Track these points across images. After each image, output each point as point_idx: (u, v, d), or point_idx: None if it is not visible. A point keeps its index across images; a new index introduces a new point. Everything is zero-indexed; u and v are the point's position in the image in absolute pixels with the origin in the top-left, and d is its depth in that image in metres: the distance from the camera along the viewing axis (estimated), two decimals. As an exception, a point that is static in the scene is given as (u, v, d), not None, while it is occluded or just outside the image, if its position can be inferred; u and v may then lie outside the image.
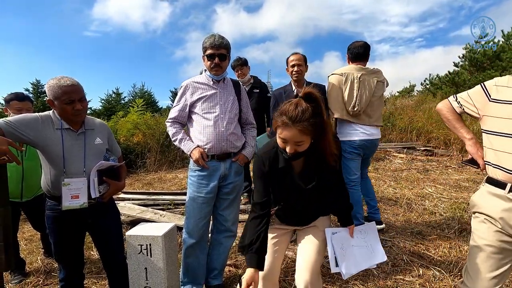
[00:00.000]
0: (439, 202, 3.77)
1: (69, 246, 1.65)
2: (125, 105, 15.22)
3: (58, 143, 1.52)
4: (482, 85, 1.36)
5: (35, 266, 2.66)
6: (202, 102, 1.95)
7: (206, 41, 1.92)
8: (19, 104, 2.39)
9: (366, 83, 2.67)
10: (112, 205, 1.79)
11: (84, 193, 1.54)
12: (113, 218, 1.78)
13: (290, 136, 1.18)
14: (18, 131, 1.42)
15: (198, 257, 2.03)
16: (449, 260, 2.41)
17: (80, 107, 1.52)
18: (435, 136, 7.11)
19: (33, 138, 1.47)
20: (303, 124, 1.15)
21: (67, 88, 1.47)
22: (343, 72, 2.68)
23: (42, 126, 1.50)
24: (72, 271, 1.71)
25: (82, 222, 1.64)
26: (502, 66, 10.11)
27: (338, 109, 2.66)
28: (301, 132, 1.16)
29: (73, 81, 1.52)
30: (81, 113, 1.55)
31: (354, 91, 2.63)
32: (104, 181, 1.62)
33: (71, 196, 1.52)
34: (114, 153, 1.76)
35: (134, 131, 7.17)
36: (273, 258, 1.49)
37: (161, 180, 5.77)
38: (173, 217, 3.29)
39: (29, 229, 3.36)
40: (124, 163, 1.85)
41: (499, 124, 1.27)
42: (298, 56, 2.73)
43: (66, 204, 1.52)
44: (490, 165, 1.32)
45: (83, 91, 1.58)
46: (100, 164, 1.56)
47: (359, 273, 2.28)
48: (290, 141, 1.20)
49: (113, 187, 1.67)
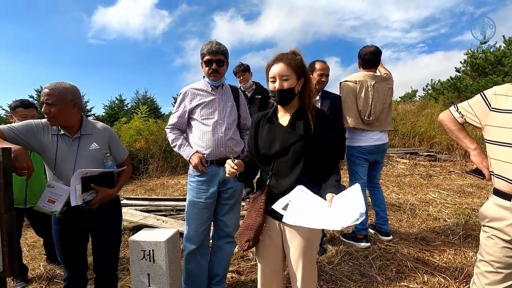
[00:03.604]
0: (443, 208, 3.73)
1: (72, 248, 1.66)
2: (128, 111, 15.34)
3: (53, 148, 1.55)
4: (482, 94, 1.35)
5: (37, 272, 2.66)
6: (201, 108, 1.97)
7: (204, 47, 1.94)
8: (24, 111, 2.42)
9: (379, 91, 2.68)
10: (112, 209, 1.75)
11: (61, 201, 1.52)
12: (110, 223, 1.74)
13: (278, 70, 1.33)
14: (19, 137, 1.47)
15: (200, 263, 2.02)
16: (454, 267, 2.38)
17: (46, 110, 1.51)
18: (438, 141, 7.08)
19: (32, 144, 1.52)
20: (288, 59, 1.33)
21: (44, 90, 1.54)
22: (357, 80, 2.68)
23: (41, 132, 1.55)
24: (76, 272, 1.71)
25: (82, 224, 1.65)
26: (504, 71, 10.09)
27: (353, 118, 2.66)
28: (287, 64, 1.32)
29: (51, 86, 1.53)
30: (48, 118, 1.53)
31: (369, 99, 2.63)
32: (92, 187, 1.57)
33: (48, 199, 1.51)
34: (116, 157, 1.74)
35: (137, 137, 7.21)
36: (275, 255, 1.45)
37: (164, 186, 5.77)
38: (176, 223, 3.28)
39: (31, 235, 3.36)
40: (126, 168, 1.80)
41: (500, 133, 1.26)
42: (326, 66, 2.64)
43: (39, 205, 1.51)
44: (495, 175, 1.31)
45: (61, 98, 1.53)
46: (80, 172, 1.48)
47: (362, 280, 2.27)
48: (278, 76, 1.33)
49: (101, 194, 1.60)
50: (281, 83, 1.33)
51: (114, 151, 1.75)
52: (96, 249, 1.73)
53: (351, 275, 2.35)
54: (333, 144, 1.41)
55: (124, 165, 1.79)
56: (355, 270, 2.42)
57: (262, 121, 1.48)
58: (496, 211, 1.29)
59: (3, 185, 1.24)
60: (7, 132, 1.44)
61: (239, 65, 3.73)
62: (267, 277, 1.49)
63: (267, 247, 1.45)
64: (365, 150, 2.70)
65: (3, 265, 1.27)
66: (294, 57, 1.35)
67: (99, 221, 1.68)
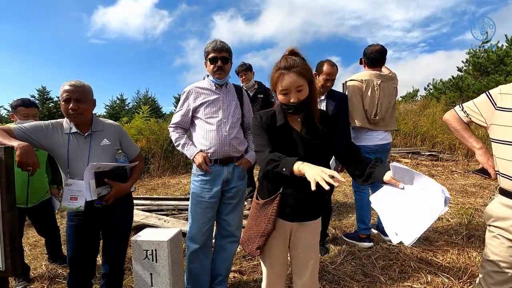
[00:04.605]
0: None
1: (84, 248, 1.66)
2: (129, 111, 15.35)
3: (64, 147, 1.58)
4: (487, 93, 1.35)
5: (39, 271, 2.65)
6: (205, 107, 1.96)
7: (208, 45, 1.94)
8: (25, 110, 2.42)
9: (385, 91, 2.66)
10: (126, 204, 1.77)
11: (82, 196, 1.54)
12: (124, 218, 1.77)
13: (290, 82, 1.23)
14: (28, 135, 1.50)
15: (202, 263, 2.01)
16: (458, 267, 2.36)
17: (75, 107, 1.53)
18: (440, 140, 7.06)
19: (42, 143, 1.55)
20: (298, 68, 1.23)
21: (67, 87, 1.54)
22: (363, 79, 2.65)
23: (52, 132, 1.58)
24: (82, 276, 1.69)
25: (97, 220, 1.66)
26: (507, 71, 10.05)
27: (360, 118, 2.64)
28: (299, 74, 1.23)
29: (77, 83, 1.57)
30: (75, 114, 1.55)
31: (375, 98, 2.62)
32: (105, 182, 1.60)
33: (70, 197, 1.54)
34: (127, 154, 1.76)
35: (138, 136, 7.21)
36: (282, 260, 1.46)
37: (165, 186, 5.77)
38: (177, 222, 3.28)
39: (33, 234, 3.36)
40: (138, 163, 1.82)
41: (506, 132, 1.25)
42: (334, 70, 2.53)
43: (64, 204, 1.54)
44: (500, 174, 1.30)
45: (87, 95, 1.59)
46: (92, 166, 1.51)
47: (365, 280, 2.25)
48: (291, 89, 1.24)
49: (115, 188, 1.63)
50: (296, 95, 1.25)
51: (125, 147, 1.77)
52: (110, 244, 1.74)
53: (354, 275, 2.33)
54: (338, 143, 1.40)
55: (136, 161, 1.81)
56: (358, 270, 2.40)
57: (271, 123, 1.36)
58: (502, 211, 1.28)
59: (5, 184, 1.24)
60: (16, 131, 1.47)
61: (241, 64, 3.73)
62: (273, 280, 1.48)
63: (274, 250, 1.43)
64: (370, 149, 2.68)
65: (5, 265, 1.26)
66: (302, 63, 1.27)
67: (114, 216, 1.70)
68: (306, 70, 1.26)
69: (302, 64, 1.26)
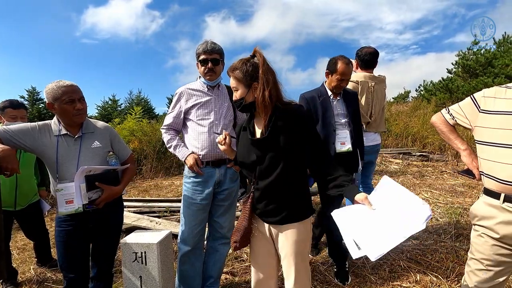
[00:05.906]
0: (435, 207, 3.78)
1: (76, 253, 1.62)
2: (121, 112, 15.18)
3: (53, 149, 1.54)
4: (471, 97, 1.40)
5: (27, 276, 2.61)
6: (196, 109, 1.96)
7: (199, 47, 1.93)
8: (13, 112, 2.38)
9: (378, 93, 2.69)
10: (115, 205, 1.73)
11: (77, 196, 1.52)
12: (113, 216, 1.73)
13: (231, 83, 1.38)
14: (15, 139, 1.46)
15: (194, 265, 2.00)
16: (446, 266, 2.41)
17: (81, 106, 1.53)
18: (430, 141, 7.17)
19: (29, 146, 1.51)
20: (234, 71, 1.34)
21: (67, 88, 1.50)
22: (358, 81, 2.66)
23: (39, 135, 1.53)
24: (77, 282, 1.64)
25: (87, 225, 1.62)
26: (495, 73, 10.26)
27: None
28: (233, 77, 1.35)
29: (72, 82, 1.56)
30: (81, 114, 1.55)
31: (370, 100, 2.64)
32: (96, 186, 1.57)
33: (65, 201, 1.51)
34: (119, 156, 1.73)
35: (130, 137, 7.14)
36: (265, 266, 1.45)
37: (158, 187, 5.73)
38: (169, 224, 3.26)
39: (22, 238, 3.30)
40: (130, 165, 1.77)
41: (489, 134, 1.29)
42: (349, 70, 2.24)
43: (61, 210, 1.51)
44: (484, 175, 1.34)
45: (82, 92, 1.59)
46: (83, 170, 1.48)
47: (355, 280, 2.28)
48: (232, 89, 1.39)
49: (107, 192, 1.59)
50: (235, 94, 1.38)
51: (117, 149, 1.73)
52: (99, 246, 1.71)
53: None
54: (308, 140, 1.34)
55: (128, 163, 1.77)
56: (349, 270, 2.43)
57: (241, 125, 1.51)
58: (486, 210, 1.31)
59: (-10, 187, 1.22)
60: (2, 134, 1.43)
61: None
62: (259, 281, 1.47)
63: (259, 249, 1.45)
64: None
65: (-9, 269, 1.24)
66: (241, 67, 1.32)
67: (104, 219, 1.66)
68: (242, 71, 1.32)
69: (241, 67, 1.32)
